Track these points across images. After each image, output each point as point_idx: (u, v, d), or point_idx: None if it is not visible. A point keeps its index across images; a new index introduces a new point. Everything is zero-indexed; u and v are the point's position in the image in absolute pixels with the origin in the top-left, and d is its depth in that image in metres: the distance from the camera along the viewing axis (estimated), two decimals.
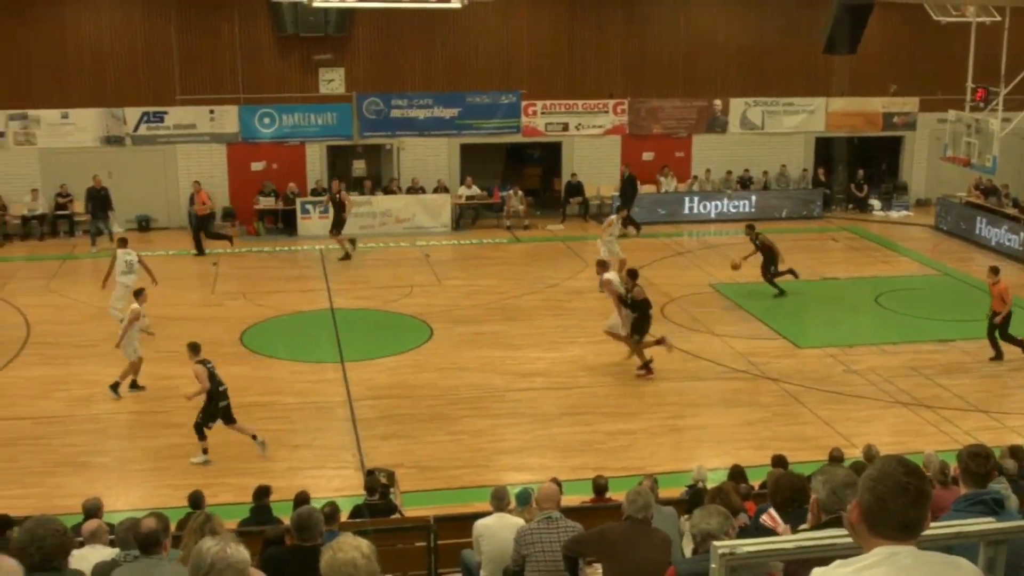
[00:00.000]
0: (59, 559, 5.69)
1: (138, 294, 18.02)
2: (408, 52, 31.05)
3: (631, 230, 28.95)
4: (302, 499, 11.05)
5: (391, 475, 13.32)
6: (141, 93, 30.15)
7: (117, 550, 8.20)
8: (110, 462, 15.41)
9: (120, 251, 21.14)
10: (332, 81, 30.99)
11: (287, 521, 9.29)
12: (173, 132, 30.53)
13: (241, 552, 4.59)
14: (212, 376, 15.22)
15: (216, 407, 15.27)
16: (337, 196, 27.38)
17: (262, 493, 11.74)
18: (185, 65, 30.09)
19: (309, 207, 29.84)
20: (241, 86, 30.35)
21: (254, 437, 15.44)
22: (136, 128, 30.38)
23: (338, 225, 27.31)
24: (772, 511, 7.22)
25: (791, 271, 23.46)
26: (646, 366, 18.56)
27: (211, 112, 30.53)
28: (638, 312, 18.54)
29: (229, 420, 15.44)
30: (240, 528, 10.78)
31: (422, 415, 16.83)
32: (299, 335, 21.26)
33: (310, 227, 29.65)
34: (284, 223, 30.52)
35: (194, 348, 15.53)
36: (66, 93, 29.92)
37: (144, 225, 30.63)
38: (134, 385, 17.80)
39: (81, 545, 8.62)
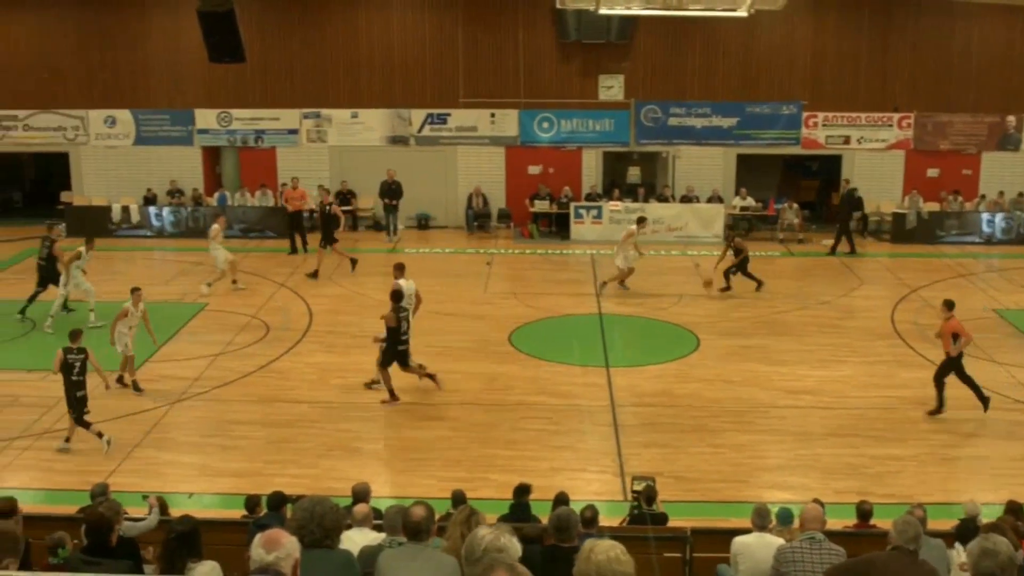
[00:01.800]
0: (334, 537, 5.95)
1: (134, 291, 18.15)
2: (689, 60, 30.98)
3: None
4: (561, 500, 11.14)
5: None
6: (427, 95, 31.26)
7: (383, 535, 8.46)
8: (380, 449, 15.97)
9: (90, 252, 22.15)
10: (611, 88, 31.22)
11: (545, 520, 9.41)
12: (455, 134, 31.48)
13: (514, 543, 4.73)
14: (68, 367, 15.36)
15: (74, 396, 15.43)
16: (328, 208, 26.36)
17: (522, 491, 11.86)
18: (469, 69, 30.95)
19: (583, 212, 30.14)
20: (522, 90, 30.96)
21: (100, 434, 15.53)
22: (420, 129, 31.48)
23: (328, 239, 26.08)
24: None
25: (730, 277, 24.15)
26: (378, 387, 17.70)
27: (492, 115, 31.29)
28: (389, 339, 17.24)
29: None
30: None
31: (684, 425, 16.71)
32: (567, 338, 21.50)
33: (583, 232, 29.96)
34: (558, 226, 30.95)
35: (72, 335, 15.79)
36: (357, 94, 31.35)
37: (423, 223, 31.72)
38: (120, 380, 17.84)
39: (349, 527, 8.95)
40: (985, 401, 17.02)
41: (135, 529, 9.68)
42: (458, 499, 11.63)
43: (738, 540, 9.74)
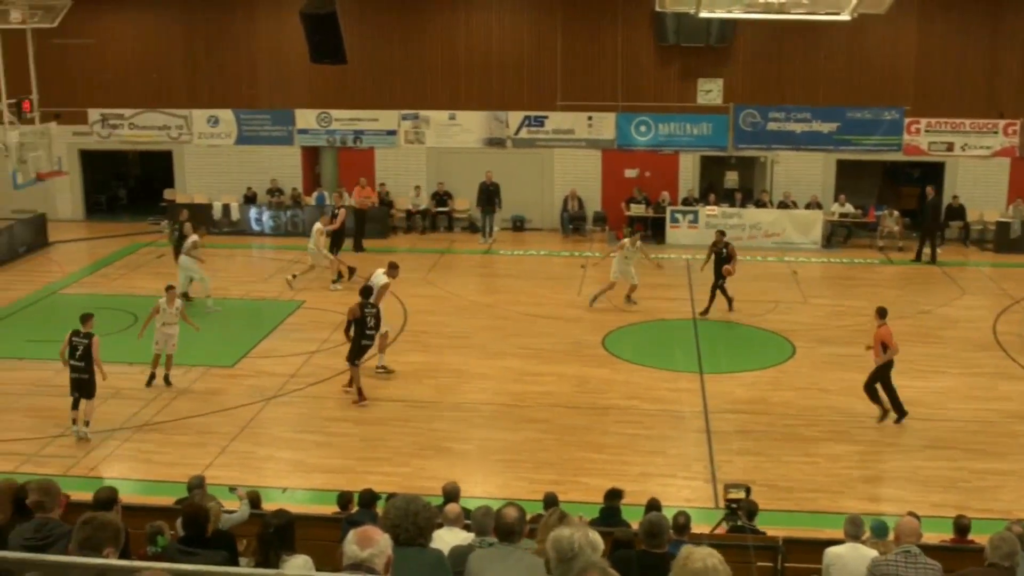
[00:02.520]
0: (427, 535, 6.00)
1: (168, 289, 18.70)
2: (789, 64, 30.63)
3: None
4: (653, 505, 11.09)
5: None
6: (524, 98, 31.33)
7: (472, 535, 8.49)
8: (471, 449, 16.03)
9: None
10: (710, 92, 31.00)
11: (635, 525, 9.37)
12: (552, 136, 31.50)
13: (599, 538, 4.77)
14: (72, 348, 15.78)
15: (71, 377, 15.89)
16: (336, 212, 26.23)
17: (614, 495, 11.82)
18: (567, 71, 30.97)
19: (679, 216, 29.97)
20: (620, 94, 30.89)
21: (78, 422, 15.88)
22: (517, 131, 31.55)
23: (337, 244, 25.87)
24: None
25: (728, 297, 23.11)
26: (358, 393, 17.63)
27: (589, 118, 31.26)
28: (356, 331, 17.55)
29: (86, 395, 15.96)
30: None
31: (778, 434, 16.53)
32: (660, 342, 21.41)
33: (679, 236, 29.80)
34: (653, 230, 30.79)
35: (83, 319, 16.09)
36: (455, 95, 31.53)
37: (519, 225, 31.78)
38: (153, 379, 18.25)
39: (440, 526, 9.00)
40: (884, 415, 16.95)
41: (228, 522, 9.84)
42: (550, 502, 11.64)
43: (831, 551, 9.61)
